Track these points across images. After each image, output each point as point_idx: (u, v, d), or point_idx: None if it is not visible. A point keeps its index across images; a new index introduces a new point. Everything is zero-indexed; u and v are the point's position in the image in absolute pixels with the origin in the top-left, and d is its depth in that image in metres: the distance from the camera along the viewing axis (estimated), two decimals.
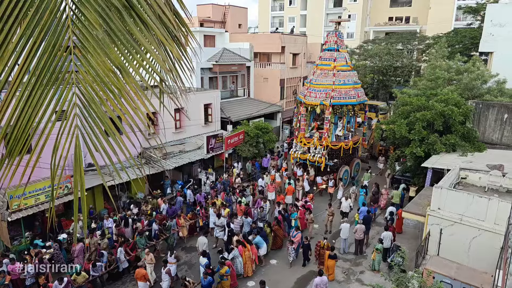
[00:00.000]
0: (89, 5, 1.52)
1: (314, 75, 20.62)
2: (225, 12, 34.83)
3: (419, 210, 13.70)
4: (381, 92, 40.04)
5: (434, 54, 28.67)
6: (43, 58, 1.49)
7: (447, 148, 17.26)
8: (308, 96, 20.18)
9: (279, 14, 59.31)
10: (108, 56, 1.56)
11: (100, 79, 1.58)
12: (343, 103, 19.83)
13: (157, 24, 1.61)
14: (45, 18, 1.47)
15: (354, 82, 20.25)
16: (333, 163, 20.29)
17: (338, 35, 20.54)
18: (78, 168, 1.64)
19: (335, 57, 20.14)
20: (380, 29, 51.96)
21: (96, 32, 1.54)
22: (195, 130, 22.03)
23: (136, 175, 2.84)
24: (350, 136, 21.25)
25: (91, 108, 1.63)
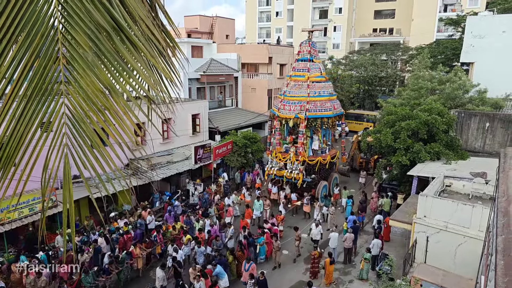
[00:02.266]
0: (79, 28, 1.55)
1: (288, 87, 19.66)
2: (213, 23, 35.12)
3: (405, 218, 13.88)
4: (367, 101, 40.75)
5: (417, 64, 29.41)
6: (34, 80, 1.52)
7: (431, 156, 17.61)
8: (282, 109, 19.29)
9: (266, 25, 60.09)
10: (97, 76, 1.59)
11: (89, 99, 1.61)
12: (319, 116, 18.95)
13: (146, 44, 1.66)
14: (36, 41, 1.50)
15: (329, 94, 19.56)
16: (310, 179, 19.31)
17: (311, 44, 19.60)
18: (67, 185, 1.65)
19: (309, 67, 19.23)
20: (365, 40, 53.13)
21: (85, 54, 1.57)
22: (183, 141, 21.94)
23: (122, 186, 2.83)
24: (327, 150, 20.56)
25: (80, 127, 1.65)
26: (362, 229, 17.70)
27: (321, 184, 19.66)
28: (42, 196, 1.69)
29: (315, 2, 54.86)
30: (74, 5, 1.52)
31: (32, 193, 13.97)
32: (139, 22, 1.67)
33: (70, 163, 2.00)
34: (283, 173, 19.34)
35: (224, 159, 22.17)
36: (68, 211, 1.70)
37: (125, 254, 13.13)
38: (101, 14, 1.55)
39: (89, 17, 1.54)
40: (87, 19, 1.54)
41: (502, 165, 4.03)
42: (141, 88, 1.69)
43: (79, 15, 1.54)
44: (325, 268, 13.21)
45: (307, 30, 20.50)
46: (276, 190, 19.82)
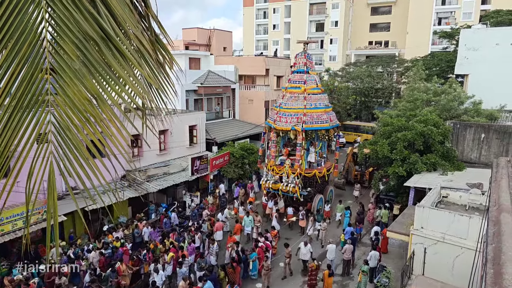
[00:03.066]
0: (66, 37, 1.57)
1: (283, 99, 19.43)
2: (210, 36, 35.49)
3: (403, 229, 13.81)
4: (363, 113, 41.02)
5: (412, 76, 29.74)
6: (20, 89, 1.52)
7: (428, 167, 17.65)
8: (278, 121, 18.92)
9: (263, 37, 60.83)
10: (84, 85, 1.60)
11: (75, 107, 1.61)
12: (315, 128, 18.77)
13: (135, 54, 1.67)
14: (24, 49, 1.51)
15: (325, 106, 19.34)
16: (306, 192, 18.87)
17: (307, 56, 19.39)
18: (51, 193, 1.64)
19: (305, 79, 19.02)
20: (360, 53, 53.83)
21: (72, 63, 1.59)
22: (180, 152, 21.91)
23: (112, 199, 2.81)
24: (323, 163, 20.21)
25: (66, 135, 1.65)
26: (360, 240, 17.59)
27: (317, 197, 19.26)
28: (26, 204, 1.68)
29: (312, 16, 55.71)
30: (62, 15, 1.54)
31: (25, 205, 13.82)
32: (127, 32, 1.69)
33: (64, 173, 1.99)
34: (278, 186, 18.91)
35: (221, 170, 22.11)
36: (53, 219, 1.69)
37: (110, 271, 12.48)
38: (89, 24, 1.57)
39: (77, 26, 1.56)
40: (75, 29, 1.56)
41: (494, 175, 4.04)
42: (129, 97, 1.70)
43: (67, 24, 1.56)
44: (323, 281, 13.06)
45: (302, 42, 20.35)
46: (272, 204, 19.20)
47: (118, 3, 1.64)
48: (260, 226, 17.05)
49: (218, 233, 16.18)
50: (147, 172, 19.57)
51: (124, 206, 18.36)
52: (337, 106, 33.43)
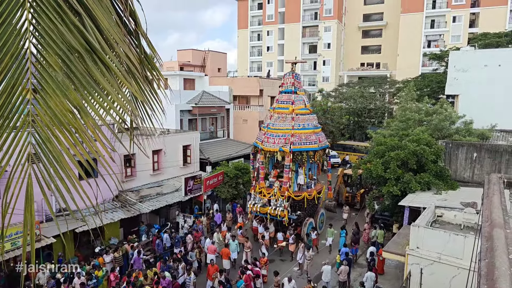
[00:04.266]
0: (50, 49, 1.56)
1: (271, 119, 18.91)
2: (205, 57, 36.03)
3: (399, 249, 13.64)
4: (357, 132, 41.38)
5: (404, 97, 30.22)
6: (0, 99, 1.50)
7: (421, 186, 17.65)
8: (266, 142, 18.43)
9: (257, 59, 61.89)
10: (67, 97, 1.58)
11: (57, 119, 1.59)
12: (304, 149, 18.18)
13: (120, 68, 1.67)
14: (6, 61, 1.50)
15: (314, 126, 18.84)
16: (296, 216, 18.15)
17: (295, 76, 19.06)
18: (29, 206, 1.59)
19: (293, 99, 18.62)
20: (353, 74, 54.88)
21: (55, 74, 1.57)
22: (173, 172, 21.75)
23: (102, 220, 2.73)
24: (313, 185, 19.55)
25: (47, 147, 1.61)
26: (356, 261, 17.32)
27: (307, 221, 18.47)
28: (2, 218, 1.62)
29: (305, 38, 56.99)
30: (46, 26, 1.54)
31: (16, 226, 13.47)
32: (113, 46, 1.69)
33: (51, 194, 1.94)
34: (267, 210, 18.13)
35: (215, 190, 21.91)
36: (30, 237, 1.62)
37: None
38: (74, 36, 1.56)
39: (61, 38, 1.56)
40: (59, 40, 1.56)
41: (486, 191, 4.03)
42: (113, 110, 1.68)
43: (51, 36, 1.55)
44: None
45: (290, 62, 20.10)
46: (263, 229, 18.17)
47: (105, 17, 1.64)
48: (250, 252, 16.19)
49: (210, 256, 15.39)
50: (140, 192, 19.33)
51: (116, 227, 18.00)
52: (331, 126, 33.72)
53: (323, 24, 54.91)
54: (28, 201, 1.58)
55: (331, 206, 22.69)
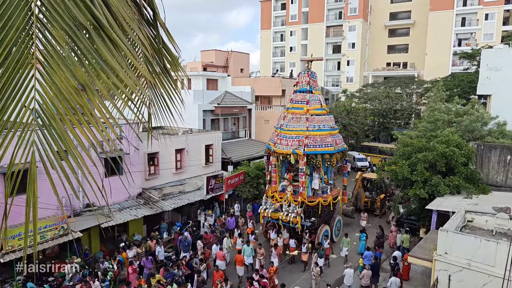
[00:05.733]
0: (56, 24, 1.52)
1: (285, 120, 17.90)
2: (228, 57, 36.23)
3: (425, 254, 13.12)
4: (382, 134, 40.39)
5: (432, 97, 29.21)
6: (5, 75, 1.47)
7: (451, 189, 16.95)
8: (278, 144, 17.47)
9: (280, 59, 61.71)
10: (72, 73, 1.53)
11: (62, 95, 1.54)
12: (319, 152, 17.03)
13: (128, 45, 1.61)
14: (11, 35, 1.47)
15: (330, 128, 17.64)
16: (310, 222, 17.08)
17: (310, 75, 17.93)
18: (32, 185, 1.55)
19: (308, 99, 17.55)
20: (378, 74, 53.65)
21: (61, 49, 1.53)
22: (195, 171, 21.95)
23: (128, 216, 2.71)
24: (329, 190, 18.33)
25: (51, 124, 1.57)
26: (380, 266, 16.80)
27: (322, 228, 17.37)
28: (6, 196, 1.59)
29: (328, 38, 56.27)
30: (52, 1, 1.50)
31: (44, 220, 13.97)
32: (122, 24, 1.63)
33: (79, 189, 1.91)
34: (278, 216, 17.18)
35: (236, 190, 21.92)
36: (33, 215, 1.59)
37: None
38: (81, 11, 1.51)
39: (68, 12, 1.51)
40: (66, 15, 1.51)
41: None
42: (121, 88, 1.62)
43: (57, 10, 1.51)
44: None
45: (306, 60, 19.01)
46: (275, 235, 17.47)
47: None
48: (263, 259, 15.57)
49: (219, 263, 15.01)
50: (163, 190, 19.61)
51: (139, 224, 18.33)
52: (355, 127, 33.05)
53: (347, 24, 54.02)
54: (31, 180, 1.54)
55: (348, 211, 21.60)
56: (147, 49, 1.74)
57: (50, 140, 1.58)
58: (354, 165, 32.89)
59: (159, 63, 2.84)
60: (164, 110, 3.19)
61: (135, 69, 2.26)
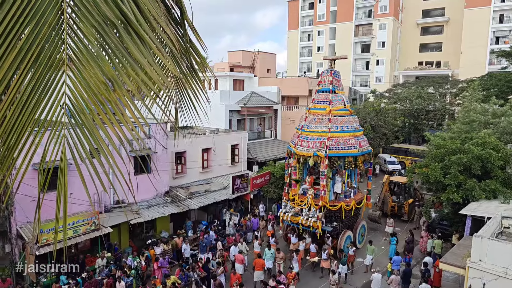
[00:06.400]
0: (86, 20, 1.56)
1: (306, 121, 17.33)
2: (255, 58, 36.33)
3: (458, 261, 12.54)
4: (413, 135, 39.10)
5: (467, 97, 27.94)
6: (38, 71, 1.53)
7: (486, 194, 16.13)
8: (299, 146, 16.89)
9: (307, 60, 61.14)
10: (101, 68, 1.57)
11: (90, 90, 1.58)
12: (341, 154, 16.42)
13: (155, 40, 1.63)
14: (44, 31, 1.52)
15: (354, 129, 16.95)
16: (331, 227, 16.43)
17: (333, 74, 17.31)
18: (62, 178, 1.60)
19: (331, 99, 16.91)
20: (410, 73, 51.94)
21: (90, 45, 1.57)
22: (221, 170, 22.17)
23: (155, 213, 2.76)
24: (352, 194, 17.65)
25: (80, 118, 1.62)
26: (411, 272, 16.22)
27: (344, 234, 16.68)
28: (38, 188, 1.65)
29: (357, 37, 55.16)
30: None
31: (77, 215, 14.56)
32: (149, 19, 1.65)
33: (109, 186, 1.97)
34: (298, 220, 16.64)
35: (262, 190, 21.93)
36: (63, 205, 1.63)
37: None
38: (110, 8, 1.55)
39: (97, 10, 1.55)
40: (95, 12, 1.55)
41: None
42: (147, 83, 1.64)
43: (87, 7, 1.55)
44: None
45: (328, 58, 18.42)
46: (296, 239, 16.85)
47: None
48: (282, 264, 15.19)
49: (237, 266, 14.73)
50: (189, 189, 19.94)
51: (166, 221, 18.74)
52: (384, 128, 32.16)
53: (377, 22, 52.72)
54: (61, 172, 1.59)
55: (375, 216, 20.82)
56: (174, 44, 1.75)
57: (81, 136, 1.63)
58: (385, 169, 31.86)
59: (187, 62, 2.87)
60: (190, 109, 3.22)
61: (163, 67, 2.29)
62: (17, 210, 13.70)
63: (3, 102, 1.55)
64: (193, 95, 3.09)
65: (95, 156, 1.74)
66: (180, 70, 2.22)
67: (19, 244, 14.25)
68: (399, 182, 23.01)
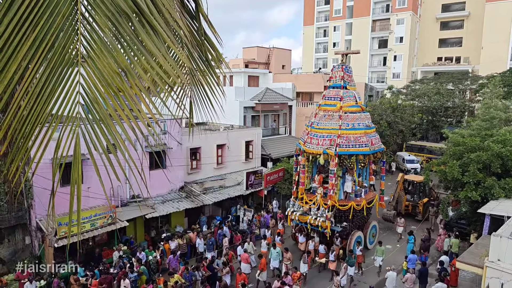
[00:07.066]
0: (99, 10, 1.59)
1: (316, 118, 16.85)
2: (270, 54, 36.22)
3: (476, 260, 12.27)
4: (431, 132, 38.30)
5: (488, 93, 27.16)
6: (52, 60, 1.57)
7: (506, 192, 15.71)
8: (308, 143, 16.50)
9: (322, 55, 60.54)
10: (114, 58, 1.60)
11: (104, 80, 1.61)
12: (352, 152, 15.82)
13: (167, 31, 1.64)
14: (58, 21, 1.56)
15: (366, 127, 16.33)
16: (341, 227, 15.99)
17: (345, 69, 16.77)
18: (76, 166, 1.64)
19: (342, 95, 16.36)
20: (428, 69, 50.77)
21: (104, 35, 1.60)
22: (235, 166, 22.26)
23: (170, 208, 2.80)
24: (363, 193, 17.15)
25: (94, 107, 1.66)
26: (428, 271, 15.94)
27: (353, 234, 16.20)
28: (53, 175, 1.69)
29: (374, 32, 54.24)
30: None
31: (95, 209, 14.90)
32: (162, 10, 1.67)
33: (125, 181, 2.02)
34: (306, 219, 16.26)
35: (275, 186, 21.92)
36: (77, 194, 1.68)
37: None
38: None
39: (111, 0, 1.58)
40: (108, 2, 1.58)
41: None
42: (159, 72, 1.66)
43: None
44: None
45: (340, 53, 17.92)
46: (304, 239, 16.57)
47: None
48: (289, 263, 14.78)
49: (243, 266, 14.46)
50: (204, 184, 20.12)
51: (181, 216, 18.97)
52: (401, 125, 31.59)
53: (395, 17, 51.67)
54: (75, 161, 1.63)
55: (389, 216, 20.30)
56: (186, 35, 1.76)
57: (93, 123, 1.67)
58: (404, 167, 31.02)
59: (201, 56, 2.89)
60: (205, 103, 3.24)
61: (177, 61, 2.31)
62: (37, 203, 14.11)
63: (17, 91, 1.60)
64: (209, 89, 3.11)
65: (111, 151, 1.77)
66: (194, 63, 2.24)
67: (38, 236, 14.68)
68: (413, 181, 22.55)
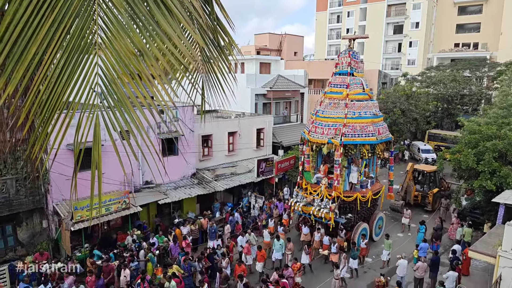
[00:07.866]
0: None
1: (321, 106, 16.24)
2: (282, 41, 35.79)
3: (488, 250, 12.16)
4: (446, 121, 37.58)
5: (506, 81, 26.37)
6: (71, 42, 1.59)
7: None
8: (313, 132, 15.92)
9: (335, 42, 59.54)
10: (131, 39, 1.61)
11: (121, 61, 1.63)
12: (358, 142, 15.24)
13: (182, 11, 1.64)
14: (75, 3, 1.57)
15: (373, 115, 15.68)
16: (345, 219, 15.53)
17: (352, 55, 15.99)
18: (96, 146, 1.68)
19: (348, 82, 15.67)
20: (445, 56, 49.44)
21: (120, 15, 1.61)
22: (247, 154, 22.34)
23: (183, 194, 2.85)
24: (369, 184, 16.54)
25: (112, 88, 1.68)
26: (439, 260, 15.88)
27: (359, 226, 15.79)
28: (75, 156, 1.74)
29: (389, 18, 52.93)
30: None
31: (110, 194, 15.22)
32: None
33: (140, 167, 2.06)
34: (310, 210, 15.85)
35: (286, 174, 21.96)
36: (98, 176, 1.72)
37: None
38: None
39: None
40: None
41: None
42: (175, 54, 1.67)
43: None
44: None
45: (348, 38, 17.06)
46: (308, 230, 16.17)
47: None
48: (291, 254, 14.71)
49: (248, 258, 14.37)
50: (216, 171, 20.29)
51: (193, 202, 19.23)
52: (415, 112, 31.06)
53: (411, 1, 50.22)
54: (95, 141, 1.67)
55: (397, 206, 19.95)
56: (200, 16, 1.76)
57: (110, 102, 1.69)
58: (419, 157, 30.37)
59: (214, 42, 2.88)
60: (217, 90, 3.24)
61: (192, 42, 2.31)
62: (53, 188, 14.49)
63: (36, 76, 1.63)
64: (221, 76, 3.11)
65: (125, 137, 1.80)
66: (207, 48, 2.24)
67: (55, 220, 15.12)
68: (423, 171, 22.14)
